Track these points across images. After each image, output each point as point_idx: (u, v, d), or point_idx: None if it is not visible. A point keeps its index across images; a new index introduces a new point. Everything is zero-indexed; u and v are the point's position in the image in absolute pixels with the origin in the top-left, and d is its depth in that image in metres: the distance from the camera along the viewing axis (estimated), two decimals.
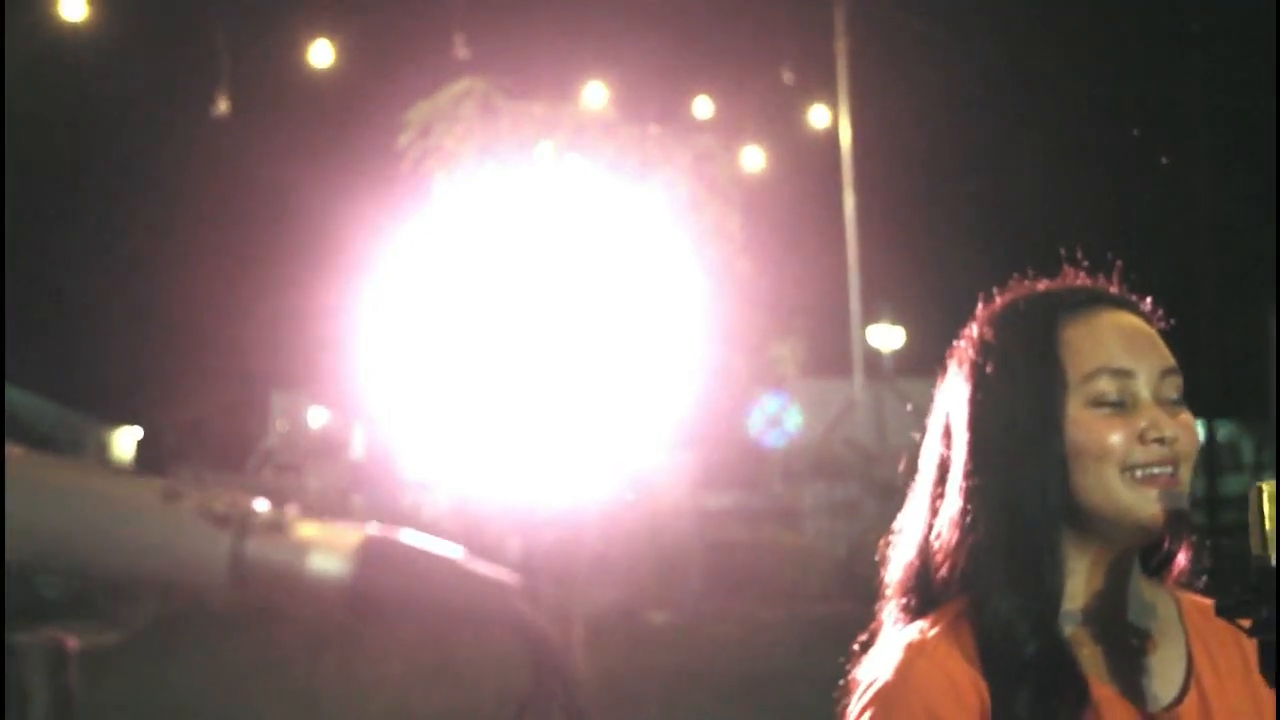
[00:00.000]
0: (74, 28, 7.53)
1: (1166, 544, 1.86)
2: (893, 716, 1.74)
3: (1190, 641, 1.78)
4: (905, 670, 1.76)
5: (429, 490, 11.57)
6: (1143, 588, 1.80)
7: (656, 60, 9.72)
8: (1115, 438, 1.73)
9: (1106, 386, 1.77)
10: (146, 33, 8.25)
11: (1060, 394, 1.77)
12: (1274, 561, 1.55)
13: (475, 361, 8.92)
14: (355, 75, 8.40)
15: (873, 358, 16.69)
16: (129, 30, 8.00)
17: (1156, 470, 1.73)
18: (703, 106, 10.50)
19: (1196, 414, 1.88)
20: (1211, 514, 16.55)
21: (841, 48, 11.57)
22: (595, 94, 9.14)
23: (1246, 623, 1.57)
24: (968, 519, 1.81)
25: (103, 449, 18.00)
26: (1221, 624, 1.55)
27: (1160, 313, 1.89)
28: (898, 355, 19.67)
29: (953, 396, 1.89)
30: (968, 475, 1.83)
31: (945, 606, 1.83)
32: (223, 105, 7.80)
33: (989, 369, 1.83)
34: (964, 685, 1.73)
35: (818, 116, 11.98)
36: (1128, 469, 1.72)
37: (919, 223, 13.72)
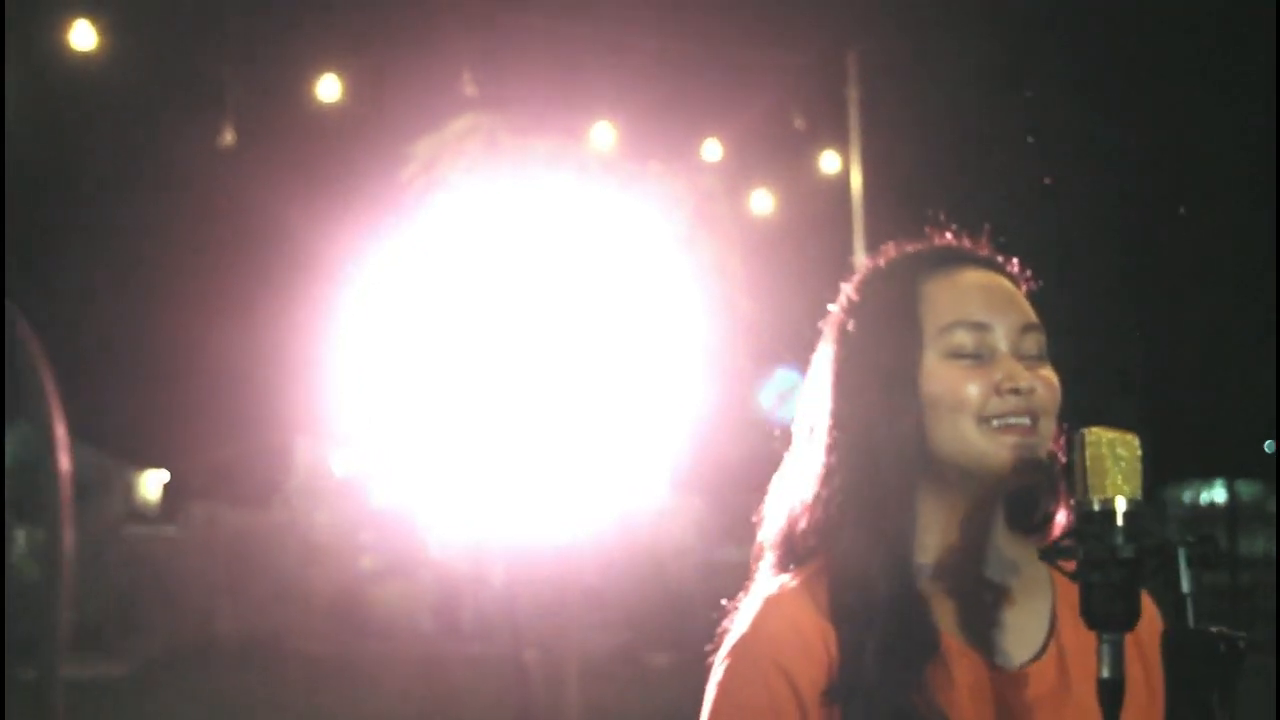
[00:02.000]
0: (84, 56, 7.68)
1: (1038, 508, 1.88)
2: (742, 667, 1.76)
3: (1057, 602, 1.79)
4: (758, 623, 1.78)
5: (434, 527, 11.61)
6: (1008, 546, 1.81)
7: (666, 102, 9.79)
8: (971, 388, 1.74)
9: (963, 339, 1.78)
10: (156, 62, 8.37)
11: (917, 346, 1.78)
12: (1094, 506, 1.58)
13: (479, 396, 8.99)
14: (362, 110, 8.49)
15: None
16: (138, 60, 8.13)
17: (1013, 420, 1.74)
18: (711, 149, 10.56)
19: (1222, 473, 1.89)
20: (1233, 574, 16.36)
21: (853, 95, 11.67)
22: (602, 134, 9.23)
23: (1069, 566, 1.60)
24: (827, 472, 1.84)
25: (129, 490, 18.12)
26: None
27: (1029, 274, 1.91)
28: None
29: (820, 357, 1.92)
30: (829, 430, 1.85)
31: (809, 562, 1.85)
32: (229, 137, 7.91)
33: (850, 326, 1.86)
34: (812, 636, 1.75)
35: (828, 162, 12.04)
36: (984, 419, 1.73)
37: None
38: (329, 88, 8.26)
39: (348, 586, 13.05)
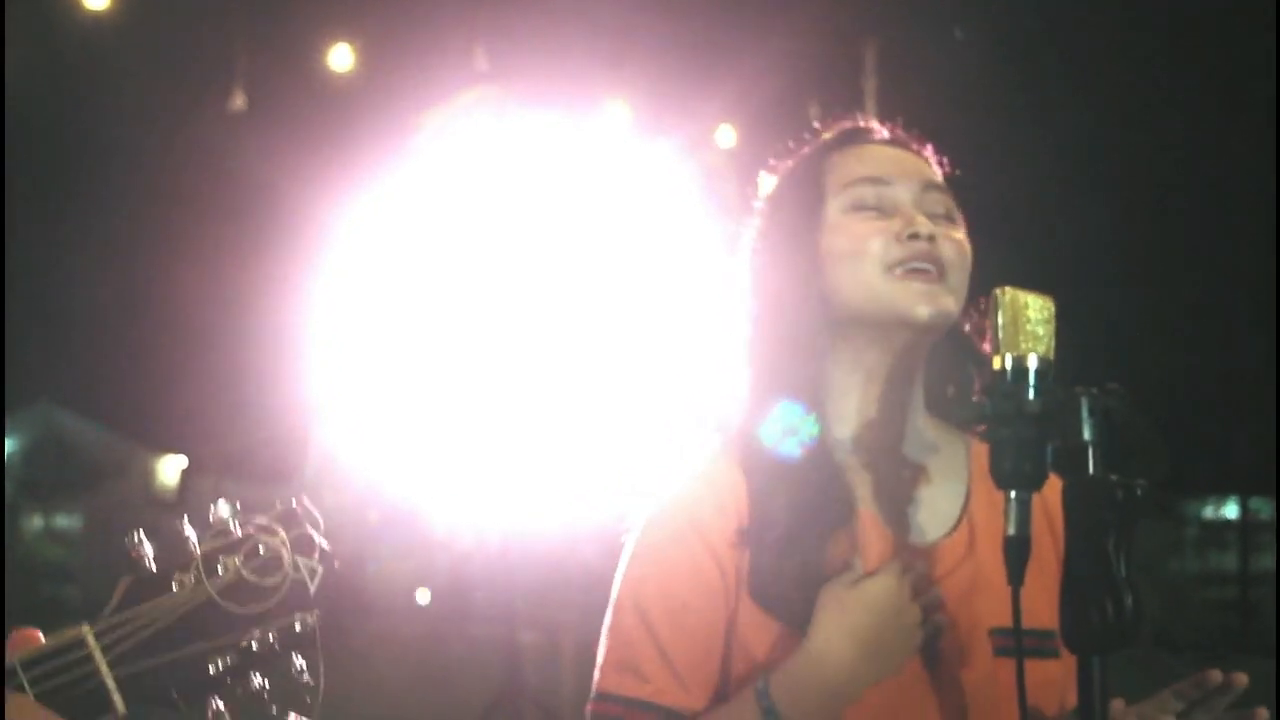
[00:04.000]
0: (95, 16, 7.72)
1: (954, 386, 1.88)
2: (659, 532, 1.78)
3: (972, 483, 1.80)
4: (675, 487, 1.80)
5: (439, 507, 11.64)
6: (927, 427, 1.82)
7: (681, 86, 9.79)
8: (873, 238, 1.76)
9: (864, 192, 1.80)
10: (167, 24, 8.40)
11: (819, 204, 1.80)
12: (1005, 363, 1.58)
13: (485, 375, 8.99)
14: (373, 80, 8.52)
15: None
16: (150, 21, 8.16)
17: (916, 265, 1.75)
18: (725, 135, 10.56)
19: (1236, 490, 1.87)
20: (1244, 590, 16.25)
21: (870, 87, 11.64)
22: (614, 112, 9.24)
23: (982, 428, 1.59)
24: (742, 343, 1.85)
25: (148, 475, 18.16)
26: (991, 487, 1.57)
27: (942, 160, 1.92)
28: None
29: (738, 245, 1.93)
30: (742, 302, 1.87)
31: (729, 435, 1.87)
32: (239, 101, 7.94)
33: (762, 205, 1.87)
34: (726, 494, 1.76)
35: None
36: (888, 268, 1.75)
37: None
38: (340, 56, 8.29)
39: (352, 565, 13.08)
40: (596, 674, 1.75)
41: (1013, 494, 1.53)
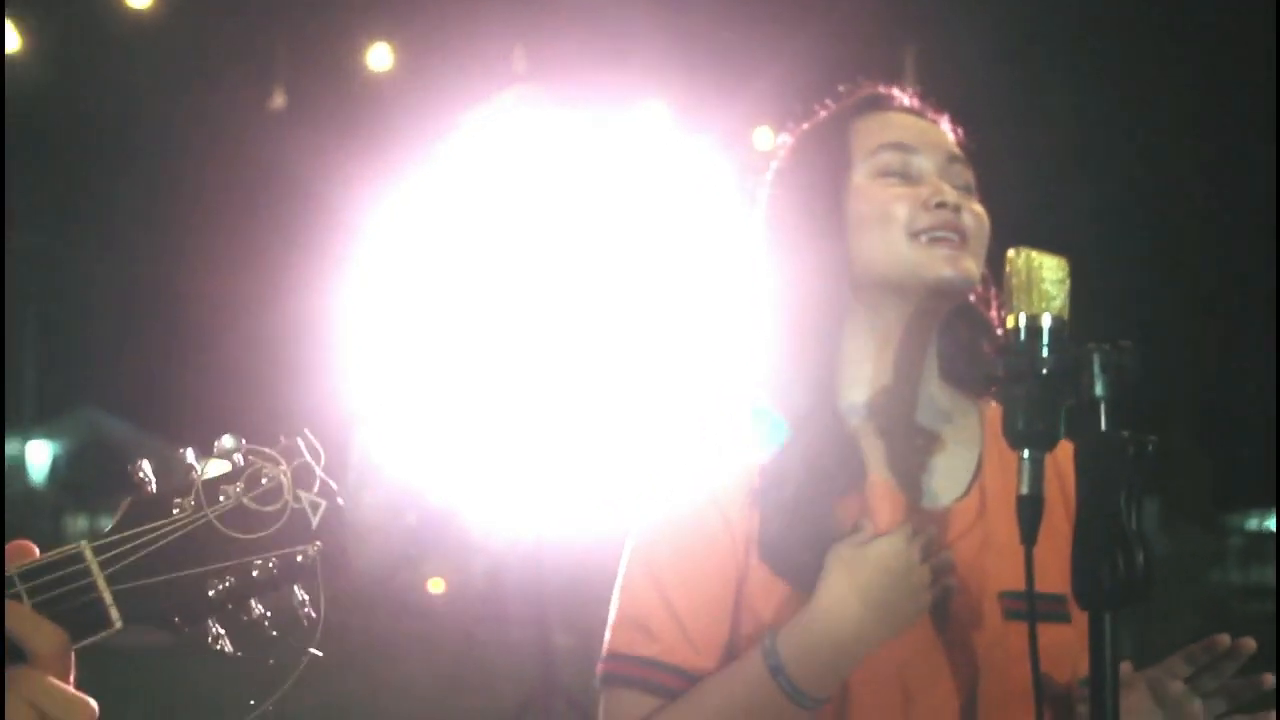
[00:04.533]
0: (138, 14, 7.79)
1: (970, 356, 1.88)
2: (671, 488, 1.78)
3: (985, 450, 1.79)
4: (693, 462, 1.81)
5: (478, 511, 11.68)
6: (941, 395, 1.82)
7: (720, 88, 9.80)
8: (899, 203, 1.76)
9: (890, 158, 1.79)
10: (209, 23, 8.47)
11: (845, 168, 1.80)
12: (1019, 322, 1.57)
13: (522, 378, 8.99)
14: (411, 80, 8.56)
15: None
16: (192, 20, 8.23)
17: (941, 234, 1.75)
18: (763, 138, 10.56)
19: (1266, 504, 1.87)
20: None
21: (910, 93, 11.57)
22: (652, 113, 9.25)
23: (994, 389, 1.59)
24: (761, 306, 1.85)
25: (188, 476, 18.30)
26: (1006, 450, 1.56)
27: (958, 131, 1.92)
28: None
29: (753, 214, 1.93)
30: (761, 264, 1.87)
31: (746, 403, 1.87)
32: (279, 99, 7.99)
33: (782, 166, 1.87)
34: (738, 458, 1.76)
35: None
36: (914, 234, 1.75)
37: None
38: (380, 56, 8.33)
39: (390, 566, 13.12)
40: (607, 634, 1.75)
41: (1025, 453, 1.52)
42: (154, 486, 1.24)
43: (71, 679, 1.20)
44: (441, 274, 8.78)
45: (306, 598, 1.27)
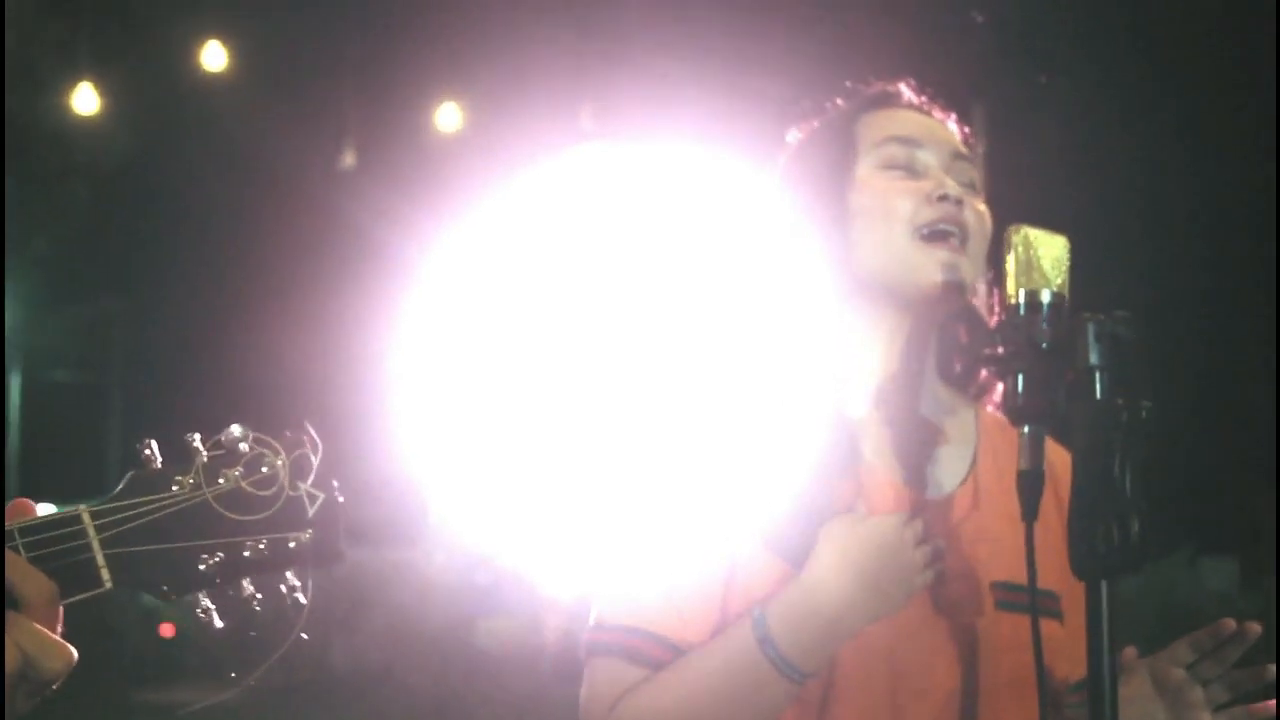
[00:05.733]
0: (213, 77, 7.99)
1: (965, 357, 1.89)
2: (663, 463, 1.81)
3: (979, 449, 1.80)
4: (691, 443, 1.82)
5: (546, 569, 11.68)
6: (940, 390, 1.83)
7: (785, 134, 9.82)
8: (903, 197, 1.77)
9: (896, 151, 1.81)
10: (281, 85, 8.65)
11: (850, 161, 1.82)
12: (1019, 298, 1.58)
13: (583, 435, 9.02)
14: (479, 139, 8.68)
15: None
16: (265, 82, 8.42)
17: (943, 227, 1.76)
18: None
19: None
20: None
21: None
22: (715, 173, 9.30)
23: (995, 367, 1.59)
24: (767, 302, 1.87)
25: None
26: (1014, 435, 1.57)
27: (965, 131, 1.94)
28: None
29: (755, 216, 1.96)
30: (766, 255, 1.89)
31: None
32: (349, 159, 8.14)
33: (789, 161, 1.89)
34: (733, 449, 1.78)
35: None
36: (915, 229, 1.76)
37: None
38: (448, 116, 8.47)
39: (460, 625, 13.13)
40: (593, 605, 1.77)
41: (1025, 429, 1.52)
42: (158, 464, 1.30)
43: (59, 630, 1.26)
44: (513, 331, 8.86)
45: (297, 583, 1.32)
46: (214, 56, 8.00)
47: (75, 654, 1.23)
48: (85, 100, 8.10)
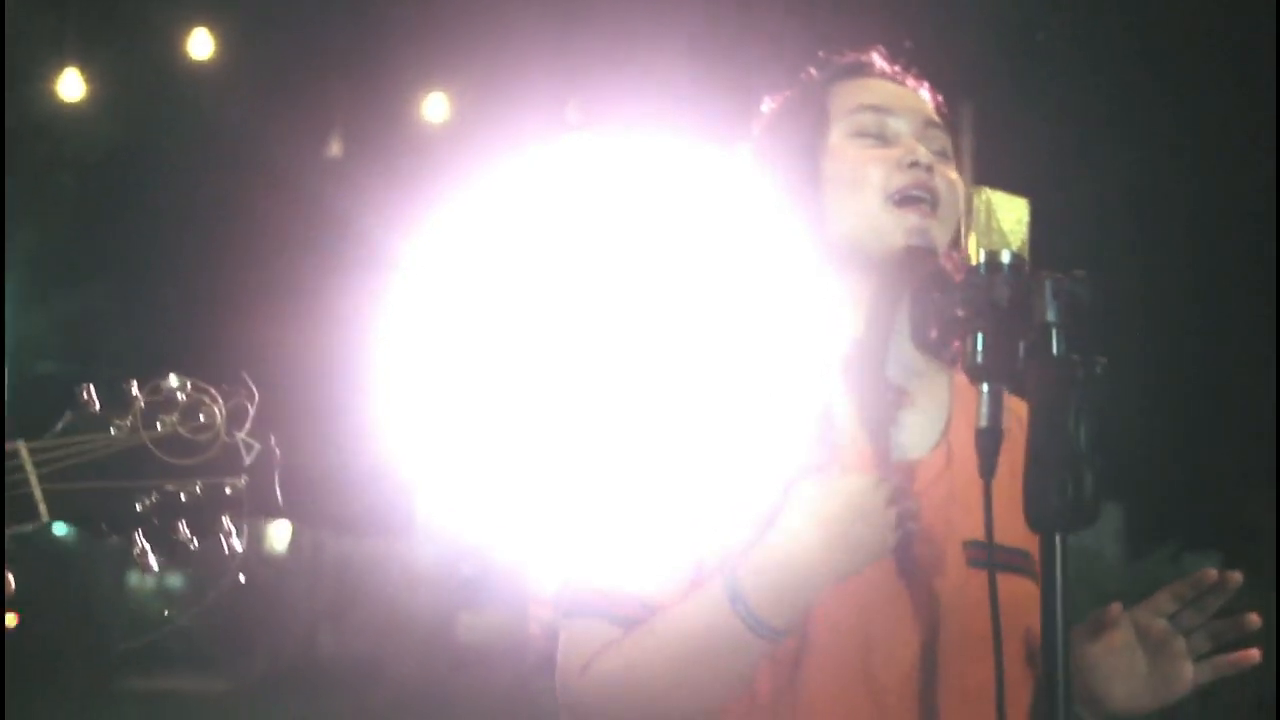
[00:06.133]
0: (200, 64, 7.99)
1: (938, 322, 1.90)
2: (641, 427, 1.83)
3: (953, 412, 1.82)
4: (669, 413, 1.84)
5: (534, 562, 11.70)
6: (914, 355, 1.85)
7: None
8: (874, 165, 1.80)
9: (867, 119, 1.83)
10: (269, 73, 8.65)
11: (822, 129, 1.84)
12: (979, 258, 1.59)
13: (583, 436, 8.98)
14: (467, 130, 8.68)
15: None
16: (252, 70, 8.42)
17: (914, 193, 1.78)
18: None
19: None
20: None
21: (967, 146, 11.65)
22: (709, 167, 9.30)
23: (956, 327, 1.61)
24: (737, 264, 1.89)
25: (258, 537, 18.47)
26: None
27: (939, 99, 1.95)
28: None
29: (733, 173, 1.97)
30: (738, 224, 1.90)
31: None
32: (336, 148, 8.14)
33: (762, 131, 1.91)
34: (712, 416, 1.80)
35: None
36: (887, 196, 1.78)
37: None
38: (435, 106, 8.47)
39: (446, 618, 13.15)
40: (569, 569, 1.78)
41: (985, 387, 1.54)
42: (97, 407, 1.32)
43: None
44: (499, 321, 8.86)
45: (231, 528, 1.35)
46: (201, 45, 8.01)
47: (12, 582, 1.26)
48: (71, 86, 8.10)
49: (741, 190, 1.92)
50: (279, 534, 15.99)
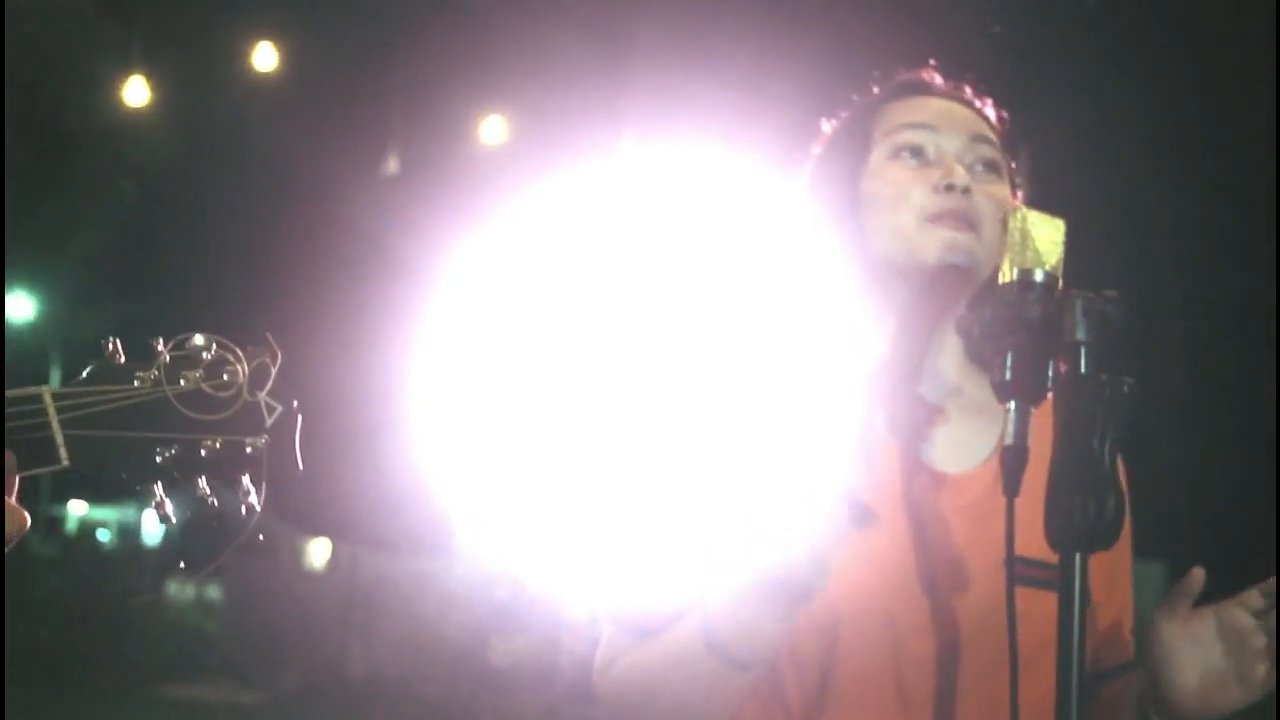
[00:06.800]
0: (264, 77, 8.08)
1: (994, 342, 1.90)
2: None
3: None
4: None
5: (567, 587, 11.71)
6: (957, 374, 1.84)
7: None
8: (912, 185, 1.79)
9: (910, 137, 1.83)
10: (330, 89, 8.73)
11: (865, 150, 1.84)
12: (1012, 276, 1.59)
13: (624, 462, 8.97)
14: (525, 152, 8.73)
15: None
16: (314, 85, 8.50)
17: (948, 216, 1.78)
18: None
19: None
20: None
21: (1023, 163, 11.54)
22: (764, 194, 9.32)
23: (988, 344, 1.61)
24: (786, 284, 1.89)
25: (296, 554, 18.55)
26: (1042, 420, 1.58)
27: (1002, 115, 1.94)
28: None
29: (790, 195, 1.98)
30: (789, 246, 1.92)
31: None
32: (393, 166, 8.21)
33: (818, 155, 1.92)
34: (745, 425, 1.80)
35: None
36: (924, 216, 1.78)
37: None
38: (493, 129, 8.54)
39: (477, 640, 13.14)
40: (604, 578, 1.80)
41: (1011, 405, 1.53)
42: (121, 360, 1.33)
43: (13, 499, 1.30)
44: (547, 344, 8.88)
45: (250, 487, 1.35)
46: (265, 57, 8.10)
47: (28, 519, 1.27)
48: (136, 93, 8.20)
49: (789, 214, 1.93)
50: (317, 549, 16.06)
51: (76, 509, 29.09)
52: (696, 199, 8.64)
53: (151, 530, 26.86)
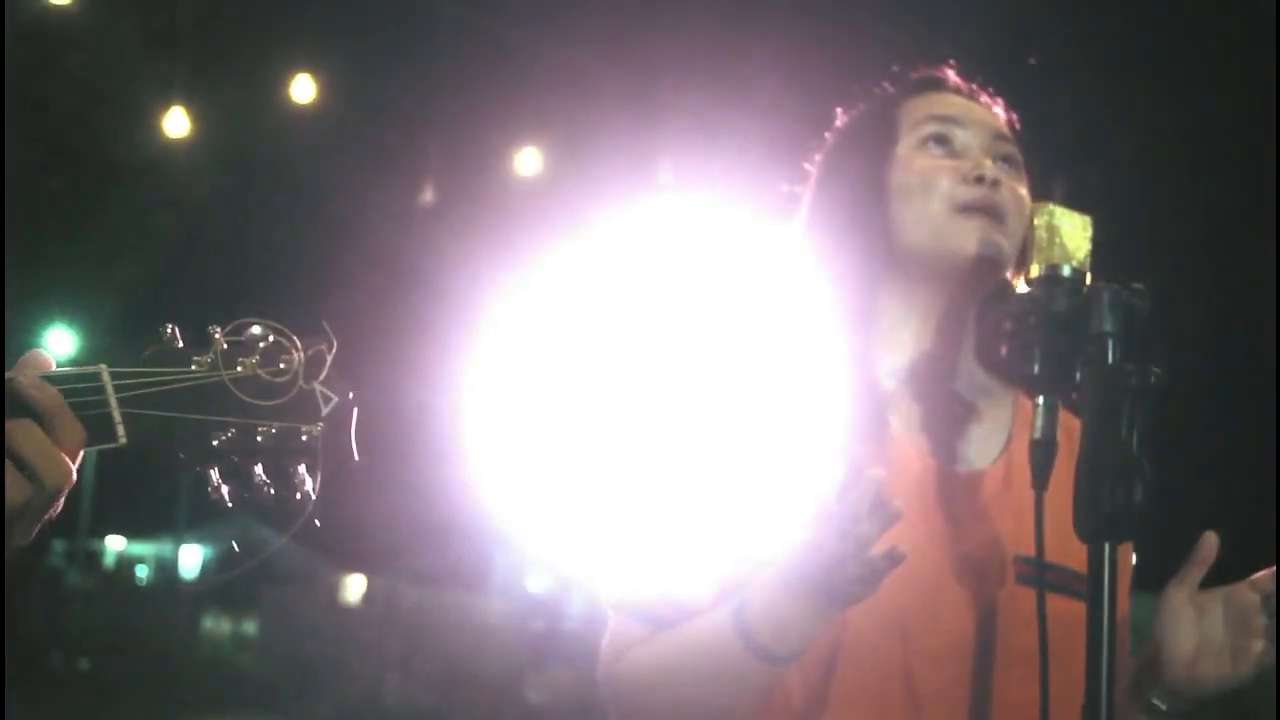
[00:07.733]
0: (301, 108, 8.15)
1: (1006, 341, 1.90)
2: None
3: (1015, 427, 1.81)
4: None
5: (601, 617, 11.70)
6: (977, 371, 1.85)
7: None
8: (941, 175, 1.80)
9: (936, 129, 1.84)
10: (366, 120, 8.80)
11: (891, 140, 1.85)
12: (1040, 271, 1.60)
13: (662, 493, 8.95)
14: (560, 184, 8.77)
15: None
16: (350, 116, 8.57)
17: (979, 206, 1.79)
18: None
19: None
20: None
21: (1037, 163, 11.50)
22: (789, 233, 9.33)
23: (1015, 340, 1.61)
24: (806, 280, 1.89)
25: (334, 588, 18.58)
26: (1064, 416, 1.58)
27: (1013, 118, 1.96)
28: None
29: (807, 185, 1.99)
30: (807, 235, 1.92)
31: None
32: (429, 198, 8.26)
33: (833, 141, 1.93)
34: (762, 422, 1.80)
35: None
36: (954, 206, 1.79)
37: None
38: (528, 160, 8.58)
39: (514, 672, 13.13)
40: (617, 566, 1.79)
41: (1040, 399, 1.54)
42: (180, 344, 1.34)
43: (73, 476, 1.28)
44: (583, 377, 8.88)
45: (305, 475, 1.35)
46: (303, 89, 8.18)
47: (74, 473, 1.26)
48: (177, 124, 8.29)
49: (807, 205, 1.94)
50: (353, 581, 16.10)
51: (114, 544, 29.27)
52: (733, 236, 8.67)
53: (189, 565, 26.98)
